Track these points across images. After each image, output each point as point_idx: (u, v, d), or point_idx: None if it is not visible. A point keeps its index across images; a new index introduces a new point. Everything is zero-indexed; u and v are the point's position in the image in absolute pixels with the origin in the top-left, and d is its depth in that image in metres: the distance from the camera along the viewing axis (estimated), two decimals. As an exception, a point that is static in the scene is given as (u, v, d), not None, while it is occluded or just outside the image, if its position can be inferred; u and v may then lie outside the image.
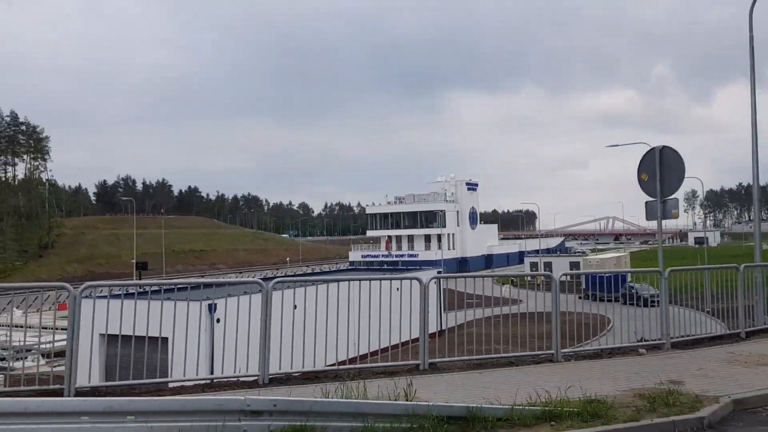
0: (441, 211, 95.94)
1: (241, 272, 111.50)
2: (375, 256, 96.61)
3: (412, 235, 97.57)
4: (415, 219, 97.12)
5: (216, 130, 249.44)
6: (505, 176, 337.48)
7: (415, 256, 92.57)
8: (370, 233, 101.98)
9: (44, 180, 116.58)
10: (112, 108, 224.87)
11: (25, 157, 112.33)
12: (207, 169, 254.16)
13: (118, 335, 7.75)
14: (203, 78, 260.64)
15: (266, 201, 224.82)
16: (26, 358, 23.83)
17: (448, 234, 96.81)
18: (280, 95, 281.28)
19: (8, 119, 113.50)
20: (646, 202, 11.66)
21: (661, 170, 11.31)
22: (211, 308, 20.62)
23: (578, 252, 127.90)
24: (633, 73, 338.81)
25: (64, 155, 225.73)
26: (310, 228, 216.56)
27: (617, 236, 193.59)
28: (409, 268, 58.97)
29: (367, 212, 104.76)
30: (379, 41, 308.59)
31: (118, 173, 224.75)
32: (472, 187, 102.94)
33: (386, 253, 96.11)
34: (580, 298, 11.88)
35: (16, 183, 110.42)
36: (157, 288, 10.50)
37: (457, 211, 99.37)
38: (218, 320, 20.73)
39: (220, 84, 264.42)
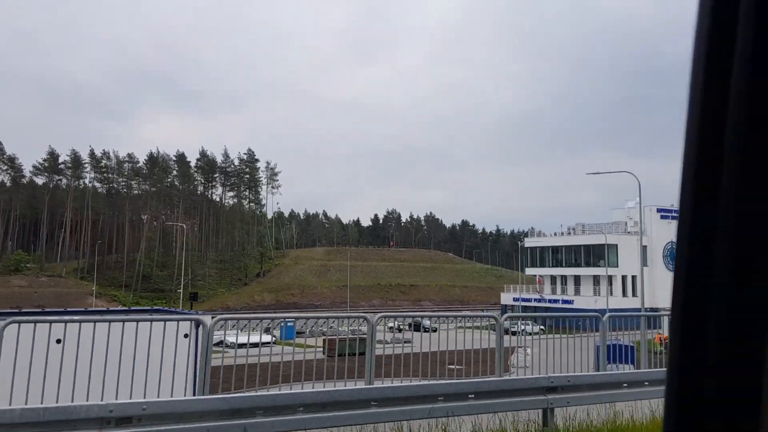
0: (609, 245, 73.26)
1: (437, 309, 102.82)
2: (527, 300, 78.63)
3: (578, 276, 76.61)
4: (578, 255, 76.33)
5: (544, 167, 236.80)
6: None
7: (569, 302, 72.33)
8: (528, 271, 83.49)
9: (262, 213, 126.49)
10: (463, 149, 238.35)
11: (244, 191, 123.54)
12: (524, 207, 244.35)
13: None
14: (543, 116, 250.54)
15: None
16: None
17: (624, 276, 73.25)
18: (624, 124, 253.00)
19: (245, 157, 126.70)
20: None
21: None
22: None
23: None
24: None
25: (424, 193, 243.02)
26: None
27: None
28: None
29: (525, 245, 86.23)
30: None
31: (388, 207, 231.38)
32: (669, 214, 76.45)
33: (538, 297, 77.33)
34: None
35: (236, 216, 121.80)
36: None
37: (645, 247, 74.58)
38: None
39: (562, 119, 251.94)
